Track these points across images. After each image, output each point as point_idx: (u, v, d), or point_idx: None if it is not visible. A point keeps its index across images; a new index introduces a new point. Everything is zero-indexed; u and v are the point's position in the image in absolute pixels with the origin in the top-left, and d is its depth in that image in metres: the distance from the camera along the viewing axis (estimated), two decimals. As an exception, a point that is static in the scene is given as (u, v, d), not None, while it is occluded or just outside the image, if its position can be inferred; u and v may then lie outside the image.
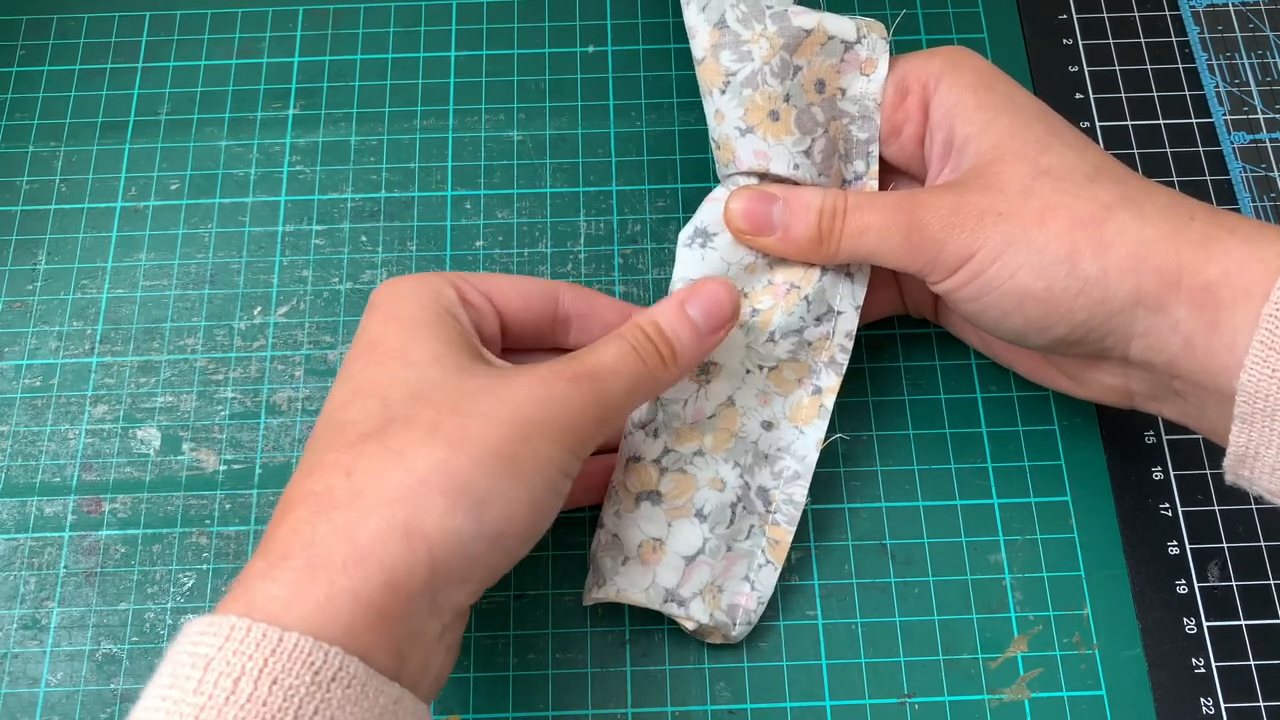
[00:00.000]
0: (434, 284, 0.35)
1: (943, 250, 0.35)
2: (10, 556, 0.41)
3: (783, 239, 0.38)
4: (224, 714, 0.26)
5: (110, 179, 0.47)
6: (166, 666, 0.27)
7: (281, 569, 0.28)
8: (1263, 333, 0.31)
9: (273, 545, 0.29)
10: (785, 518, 0.38)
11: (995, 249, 0.34)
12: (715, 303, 0.36)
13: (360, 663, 0.27)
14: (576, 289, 0.38)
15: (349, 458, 0.30)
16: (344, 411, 0.32)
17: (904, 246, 0.36)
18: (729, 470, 0.38)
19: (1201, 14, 0.49)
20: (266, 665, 0.26)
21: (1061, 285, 0.34)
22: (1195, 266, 0.32)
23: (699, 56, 0.38)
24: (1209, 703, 0.38)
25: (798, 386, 0.39)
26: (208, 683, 0.26)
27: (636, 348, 0.34)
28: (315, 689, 0.26)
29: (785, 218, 0.37)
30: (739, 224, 0.38)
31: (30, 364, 0.44)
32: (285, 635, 0.27)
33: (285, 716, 0.26)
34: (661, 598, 0.37)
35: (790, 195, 0.37)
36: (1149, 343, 0.34)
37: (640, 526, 0.37)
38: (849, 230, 0.37)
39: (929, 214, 0.36)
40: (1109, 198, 0.34)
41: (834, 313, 0.39)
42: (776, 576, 0.38)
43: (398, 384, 0.32)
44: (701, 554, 0.37)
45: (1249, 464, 0.33)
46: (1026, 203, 0.35)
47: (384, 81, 0.49)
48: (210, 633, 0.27)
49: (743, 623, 0.38)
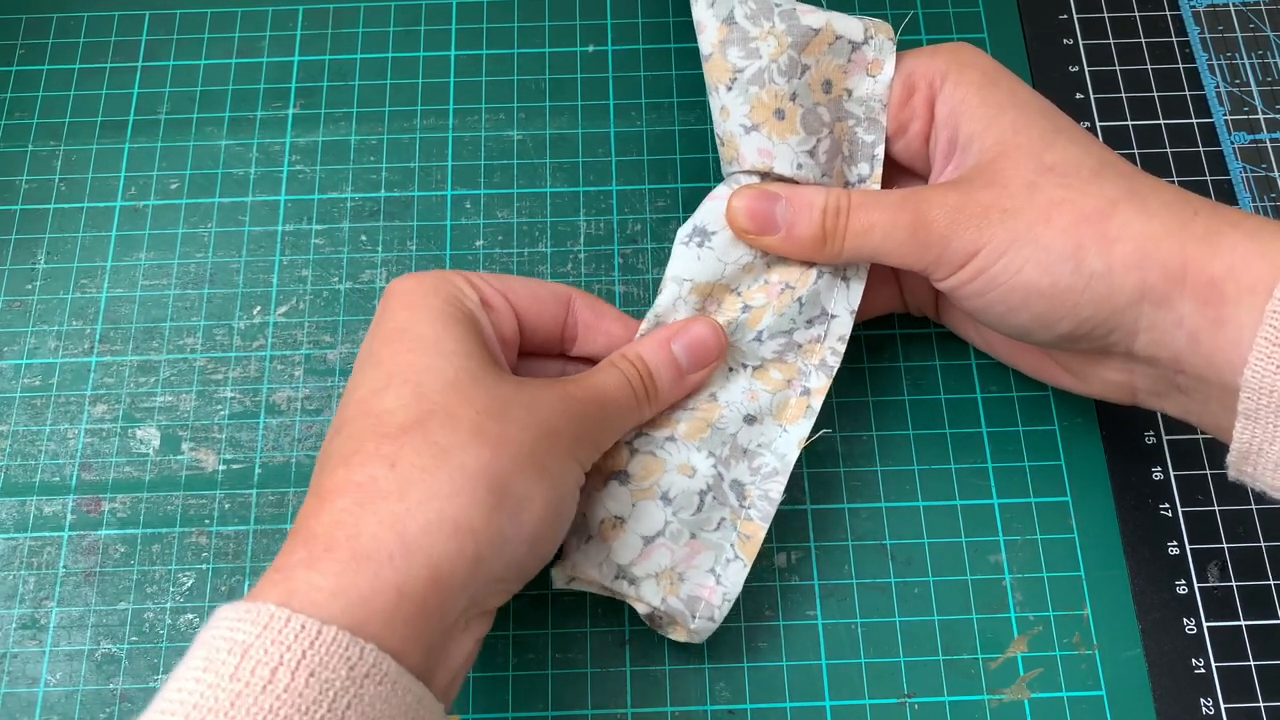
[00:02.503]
0: (456, 282, 0.35)
1: (947, 247, 0.35)
2: (9, 556, 0.41)
3: (786, 238, 0.37)
4: (260, 702, 0.26)
5: (110, 178, 0.47)
6: (200, 650, 0.27)
7: (325, 560, 0.28)
8: (1267, 329, 0.31)
9: (314, 534, 0.29)
10: (760, 514, 0.38)
11: (1000, 245, 0.34)
12: (700, 344, 0.37)
13: (392, 660, 0.27)
14: (586, 297, 0.39)
15: (391, 448, 0.30)
16: (378, 399, 0.32)
17: (908, 244, 0.36)
18: (701, 459, 0.38)
19: (1202, 14, 0.49)
20: (305, 657, 0.26)
21: (1067, 281, 0.34)
22: (1200, 262, 0.32)
23: (706, 52, 0.38)
24: (1209, 703, 0.38)
25: (786, 387, 0.39)
26: (244, 669, 0.26)
27: (629, 379, 0.36)
28: (350, 683, 0.27)
29: (788, 216, 0.37)
30: (742, 222, 0.38)
31: (30, 363, 0.44)
32: (324, 628, 0.27)
33: (320, 708, 0.26)
34: (613, 573, 0.36)
35: (793, 194, 0.37)
36: (1153, 338, 0.34)
37: (605, 504, 0.37)
38: (853, 229, 0.37)
39: (933, 211, 0.36)
40: (1114, 193, 0.34)
41: (828, 316, 0.39)
42: (745, 574, 0.37)
43: (432, 373, 0.32)
44: (661, 536, 0.37)
45: (1252, 460, 0.33)
46: (1031, 199, 0.35)
47: (384, 81, 0.49)
48: (248, 619, 0.27)
49: (704, 616, 0.37)
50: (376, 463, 0.30)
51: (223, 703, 0.26)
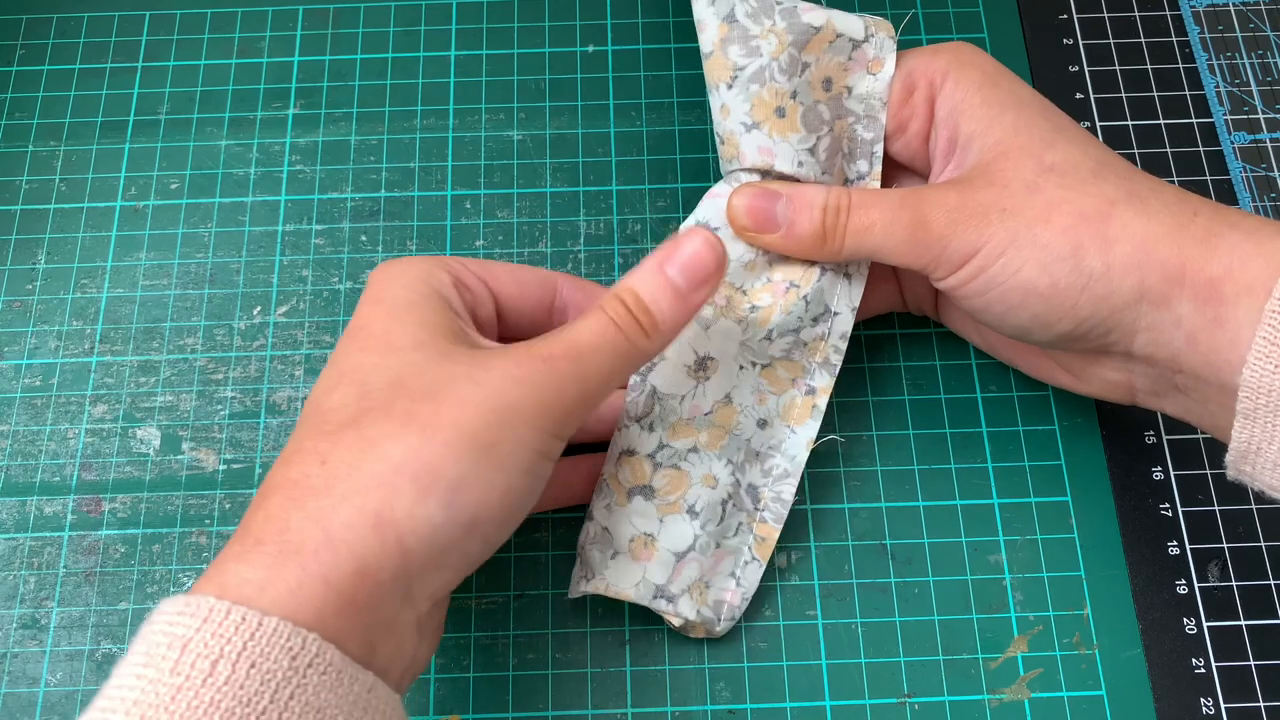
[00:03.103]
0: (426, 265, 0.35)
1: (947, 247, 0.35)
2: (10, 556, 0.41)
3: (786, 236, 0.37)
4: (200, 695, 0.26)
5: (110, 178, 0.47)
6: (140, 645, 0.27)
7: (255, 553, 0.28)
8: (1265, 329, 0.31)
9: (248, 530, 0.29)
10: (773, 515, 0.39)
11: (1000, 245, 0.34)
12: (695, 259, 0.34)
13: (336, 650, 0.27)
14: (575, 280, 0.38)
15: (326, 445, 0.30)
16: (326, 398, 0.32)
17: (908, 243, 0.36)
18: (721, 467, 0.38)
19: (1202, 14, 0.49)
20: (245, 649, 0.26)
21: (1066, 281, 0.34)
22: (1199, 262, 0.32)
23: (707, 50, 0.38)
24: (1209, 703, 0.38)
25: (791, 386, 0.39)
26: (184, 663, 0.26)
27: (616, 320, 0.33)
28: (292, 674, 0.26)
29: (789, 214, 0.37)
30: (742, 220, 0.38)
31: (30, 363, 0.44)
32: (265, 619, 0.27)
33: (262, 700, 0.26)
34: (651, 594, 0.37)
35: (794, 192, 0.37)
36: (1152, 338, 0.34)
37: (632, 521, 0.37)
38: (853, 227, 0.37)
39: (933, 210, 0.36)
40: (1114, 194, 0.34)
41: (830, 313, 0.39)
42: (761, 573, 0.39)
43: (378, 370, 0.32)
44: (692, 550, 0.37)
45: (1251, 460, 0.33)
46: (1031, 199, 0.35)
47: (384, 81, 0.49)
48: (187, 613, 0.27)
49: (727, 618, 0.38)
50: (311, 460, 0.30)
51: (163, 697, 0.26)
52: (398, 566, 0.29)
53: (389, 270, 0.35)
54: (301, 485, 0.30)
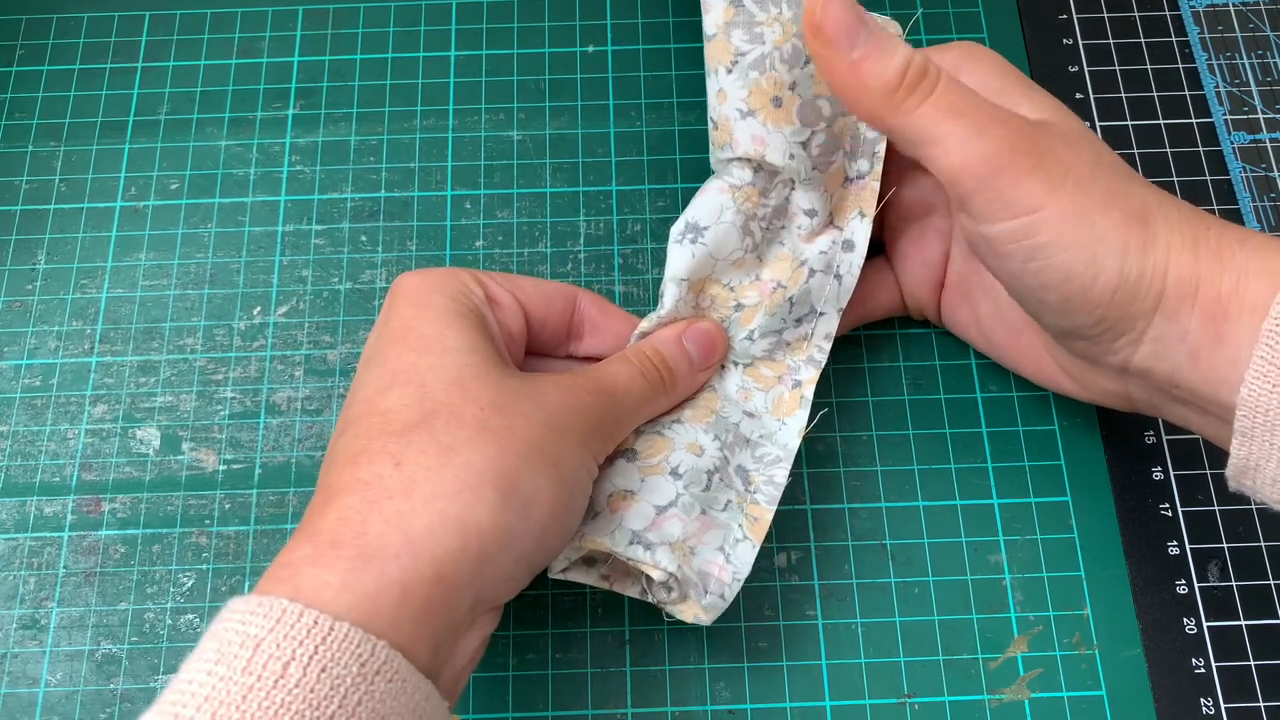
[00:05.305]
0: (463, 279, 0.35)
1: (1019, 187, 0.32)
2: (10, 556, 0.41)
3: (858, 64, 0.33)
4: (272, 696, 0.26)
5: (110, 179, 0.47)
6: (211, 642, 0.27)
7: (332, 556, 0.28)
8: (1263, 347, 0.31)
9: (318, 530, 0.29)
10: (766, 498, 0.38)
11: (1061, 214, 0.32)
12: (708, 340, 0.39)
13: (403, 658, 0.28)
14: (591, 295, 0.39)
15: (397, 446, 0.30)
16: (382, 398, 0.32)
17: (982, 157, 0.32)
18: (708, 440, 0.38)
19: (1201, 14, 0.49)
20: (316, 653, 0.26)
21: (1106, 278, 0.32)
22: (1210, 278, 0.32)
23: (710, 33, 0.38)
24: (1209, 703, 0.38)
25: (777, 383, 0.39)
26: (256, 663, 0.26)
27: (644, 372, 0.36)
28: (361, 680, 0.27)
29: (870, 45, 0.33)
30: (822, 23, 0.32)
31: (30, 364, 0.44)
32: (336, 624, 0.27)
33: (331, 705, 0.26)
34: (627, 539, 0.35)
35: (879, 33, 0.33)
36: (1155, 349, 0.33)
37: (612, 480, 0.37)
38: (941, 99, 0.32)
39: (1026, 139, 0.32)
40: (1148, 199, 0.33)
41: (815, 313, 0.39)
42: (754, 555, 0.37)
43: (435, 370, 0.32)
44: (674, 506, 0.36)
45: (1250, 475, 0.33)
46: (1094, 180, 0.33)
47: (384, 81, 0.49)
48: (260, 613, 0.27)
49: (714, 593, 0.36)
50: (382, 461, 0.30)
51: (235, 696, 0.26)
52: (473, 573, 0.30)
53: (427, 278, 0.35)
54: (375, 487, 0.30)
